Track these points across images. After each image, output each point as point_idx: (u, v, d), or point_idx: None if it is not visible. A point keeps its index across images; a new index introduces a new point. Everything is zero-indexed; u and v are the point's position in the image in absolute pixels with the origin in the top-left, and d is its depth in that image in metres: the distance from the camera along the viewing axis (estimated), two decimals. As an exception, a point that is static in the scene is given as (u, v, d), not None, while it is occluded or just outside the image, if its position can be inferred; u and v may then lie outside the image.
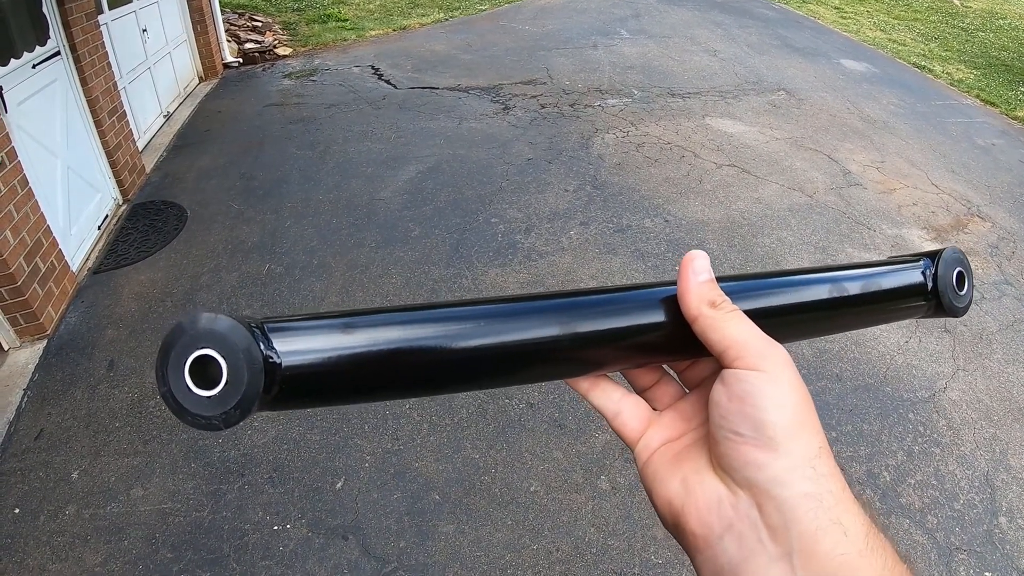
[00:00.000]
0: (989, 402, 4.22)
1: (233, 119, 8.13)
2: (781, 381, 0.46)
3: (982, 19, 15.71)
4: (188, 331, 0.40)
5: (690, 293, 0.51)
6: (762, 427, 0.45)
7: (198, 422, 0.40)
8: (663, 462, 0.54)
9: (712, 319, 0.50)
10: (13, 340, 4.29)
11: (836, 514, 0.42)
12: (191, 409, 0.40)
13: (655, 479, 0.53)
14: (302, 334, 0.45)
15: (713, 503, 0.47)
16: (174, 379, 0.40)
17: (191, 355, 0.40)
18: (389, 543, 3.19)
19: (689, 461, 0.52)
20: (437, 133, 7.61)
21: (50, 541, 3.18)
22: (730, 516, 0.45)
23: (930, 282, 0.63)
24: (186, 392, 0.40)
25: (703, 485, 0.49)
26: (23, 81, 4.69)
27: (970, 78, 11.12)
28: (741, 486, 0.46)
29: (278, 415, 3.83)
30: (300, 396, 0.45)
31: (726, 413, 0.47)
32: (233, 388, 0.40)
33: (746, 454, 0.45)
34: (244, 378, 0.40)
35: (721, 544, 0.46)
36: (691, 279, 0.52)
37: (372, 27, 12.05)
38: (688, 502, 0.49)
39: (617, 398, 0.60)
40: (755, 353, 0.47)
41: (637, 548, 3.22)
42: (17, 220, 4.16)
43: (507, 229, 5.67)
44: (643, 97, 8.92)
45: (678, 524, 0.49)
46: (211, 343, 0.40)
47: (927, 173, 7.27)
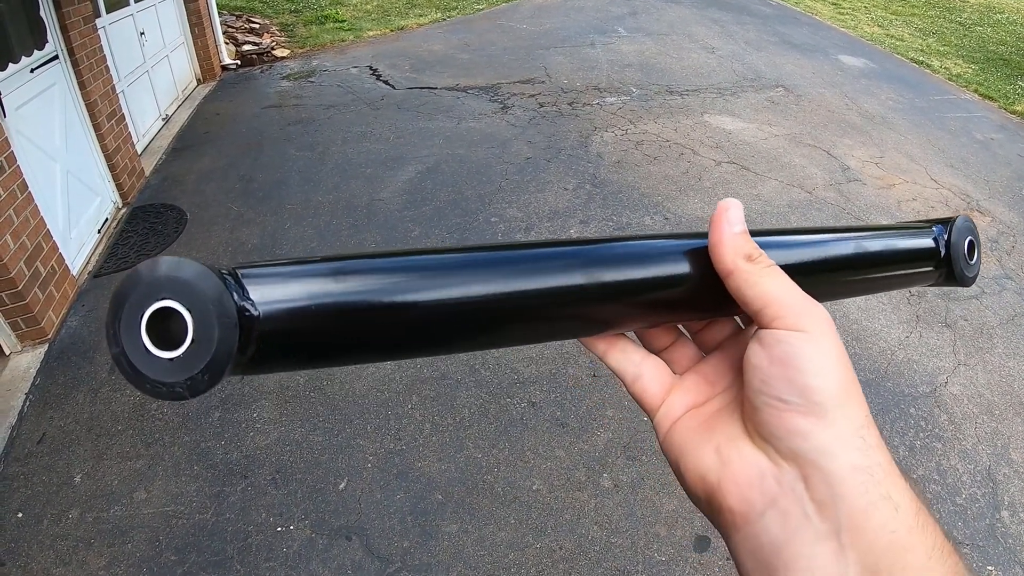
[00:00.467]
0: (990, 396, 4.22)
1: (232, 121, 8.14)
2: (826, 343, 0.42)
3: (980, 14, 15.71)
4: (145, 278, 0.34)
5: (724, 245, 0.46)
6: (808, 392, 0.41)
7: (158, 390, 0.34)
8: (690, 431, 0.50)
9: (749, 273, 0.45)
10: (14, 344, 4.29)
11: (886, 488, 0.39)
12: (150, 375, 0.33)
13: (683, 450, 0.49)
14: (283, 281, 0.38)
15: (754, 476, 0.43)
16: (128, 338, 0.33)
17: (149, 308, 0.34)
18: (393, 543, 3.19)
19: (721, 430, 0.47)
20: (436, 133, 7.61)
21: (53, 545, 3.18)
22: (773, 490, 0.42)
23: (943, 248, 0.61)
24: (143, 354, 0.33)
25: (741, 457, 0.44)
26: (21, 85, 4.69)
27: (968, 73, 11.12)
28: (785, 457, 0.42)
29: (281, 415, 3.84)
30: (282, 356, 0.39)
31: (767, 378, 0.43)
32: (201, 348, 0.33)
33: (790, 422, 0.41)
34: (215, 335, 0.33)
35: (762, 521, 0.42)
36: (725, 229, 0.47)
37: (370, 28, 12.06)
38: (725, 476, 0.44)
39: (637, 360, 0.54)
40: (797, 312, 0.43)
41: (640, 546, 3.22)
42: (17, 224, 4.16)
43: (507, 228, 5.67)
44: (641, 95, 8.92)
45: (712, 501, 0.45)
46: (173, 293, 0.34)
47: (926, 168, 7.27)
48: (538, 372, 4.17)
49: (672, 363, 0.56)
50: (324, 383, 4.06)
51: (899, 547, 0.38)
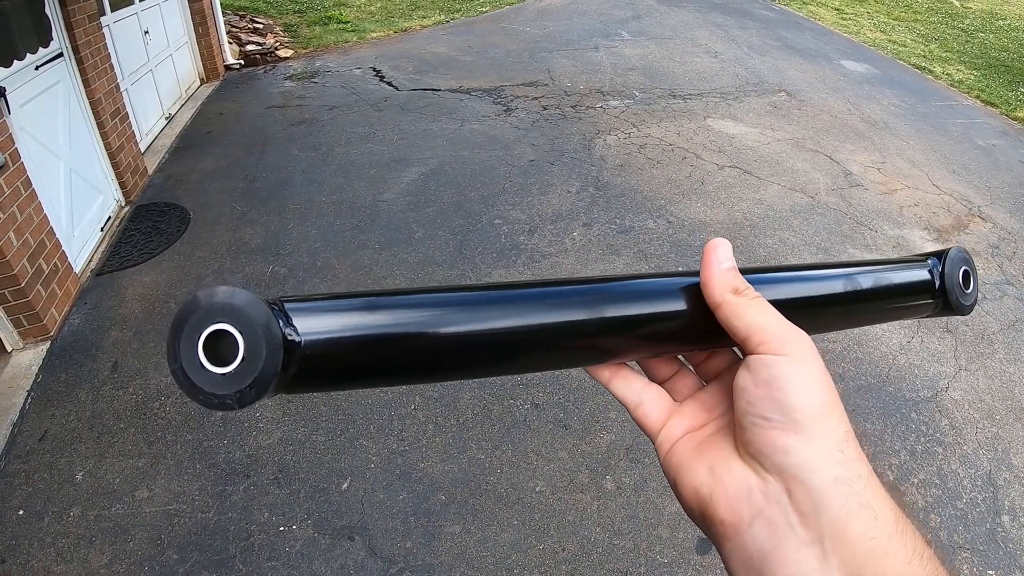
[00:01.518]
0: (991, 401, 4.22)
1: (235, 121, 8.14)
2: (806, 365, 0.46)
3: (982, 20, 15.72)
4: (204, 304, 0.38)
5: (713, 280, 0.51)
6: (789, 411, 0.44)
7: (211, 401, 0.38)
8: (687, 451, 0.53)
9: (736, 305, 0.49)
10: (17, 342, 4.29)
11: (866, 498, 0.42)
12: (204, 387, 0.38)
13: (680, 468, 0.53)
14: (322, 313, 0.43)
15: (742, 490, 0.46)
16: (187, 354, 0.38)
17: (206, 329, 0.38)
18: (395, 543, 3.19)
19: (714, 449, 0.51)
20: (439, 135, 7.61)
21: (55, 543, 3.18)
22: (760, 503, 0.45)
23: (937, 280, 0.64)
24: (199, 369, 0.38)
25: (731, 472, 0.48)
26: (26, 83, 4.69)
27: (970, 79, 11.13)
28: (770, 472, 0.45)
29: (283, 415, 3.84)
30: (319, 377, 0.44)
31: (753, 399, 0.46)
32: (250, 365, 0.38)
33: (775, 439, 0.45)
34: (262, 355, 0.38)
35: (751, 531, 0.45)
36: (715, 266, 0.52)
37: (373, 29, 12.06)
38: (716, 490, 0.48)
39: (639, 388, 0.59)
40: (779, 338, 0.47)
41: (643, 548, 3.22)
42: (20, 222, 4.16)
43: (510, 230, 5.68)
44: (644, 99, 8.93)
45: (706, 513, 0.49)
46: (228, 317, 0.38)
47: (928, 174, 7.28)
48: (541, 374, 4.17)
49: (673, 392, 0.60)
50: (327, 383, 4.06)
51: (880, 553, 0.41)
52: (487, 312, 0.48)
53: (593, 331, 0.51)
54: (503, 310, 0.49)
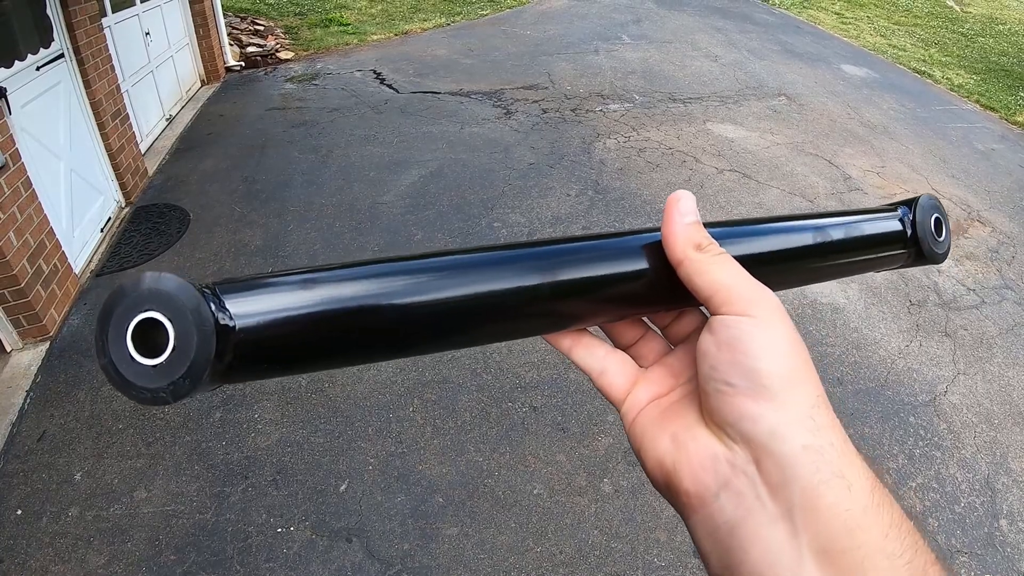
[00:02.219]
0: (989, 406, 4.23)
1: (235, 122, 8.14)
2: (773, 327, 0.43)
3: (982, 24, 15.74)
4: (130, 293, 0.36)
5: (675, 235, 0.48)
6: (755, 376, 0.41)
7: (143, 396, 0.36)
8: (651, 420, 0.50)
9: (698, 262, 0.46)
10: (16, 342, 4.29)
11: (839, 467, 0.39)
12: (135, 381, 0.36)
13: (643, 438, 0.50)
14: (257, 294, 0.41)
15: (707, 460, 0.43)
16: (115, 348, 0.36)
17: (133, 319, 0.36)
18: (393, 545, 3.19)
19: (679, 417, 0.48)
20: (439, 137, 7.62)
21: (53, 543, 3.18)
22: (726, 473, 0.42)
23: (909, 229, 0.62)
24: (129, 362, 0.36)
25: (695, 441, 0.45)
26: (27, 83, 4.70)
27: (970, 83, 11.15)
28: (736, 441, 0.42)
29: (282, 417, 3.84)
30: (257, 363, 0.41)
31: (716, 363, 0.44)
32: (181, 355, 0.35)
33: (740, 406, 0.42)
34: (193, 343, 0.36)
35: (717, 503, 0.42)
36: (676, 220, 0.48)
37: (374, 31, 12.07)
38: (680, 460, 0.45)
39: (601, 355, 0.56)
40: (744, 298, 0.44)
41: (640, 551, 3.22)
42: (20, 222, 4.17)
43: (509, 233, 5.68)
44: (644, 102, 8.94)
45: (670, 484, 0.46)
46: (155, 304, 0.36)
47: (927, 178, 7.29)
48: (540, 377, 4.18)
49: (640, 358, 0.57)
50: (325, 385, 4.07)
51: (853, 525, 0.38)
52: (435, 281, 0.46)
53: (548, 295, 0.49)
54: (452, 278, 0.46)
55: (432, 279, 0.46)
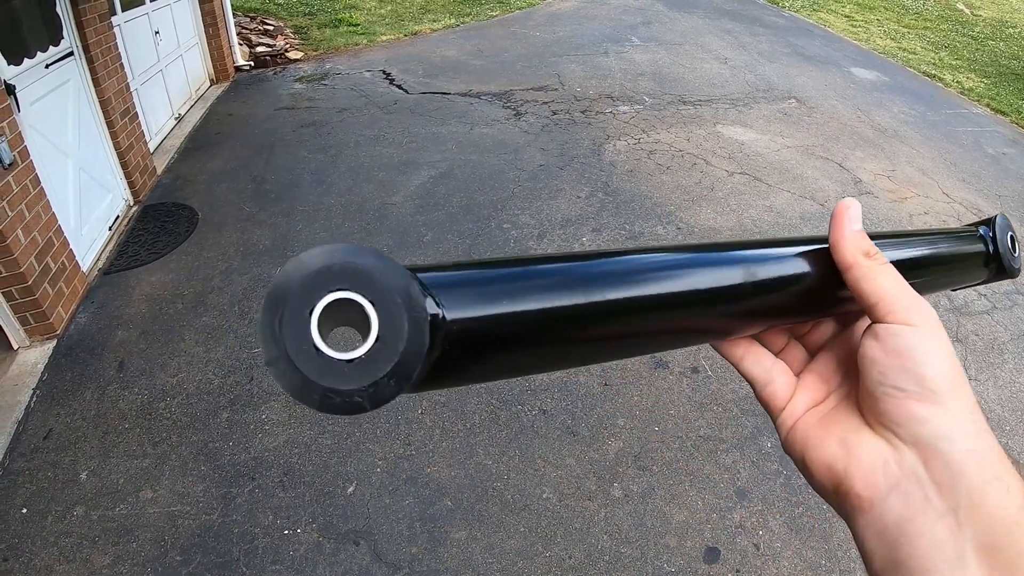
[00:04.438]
0: (1000, 412, 4.19)
1: (244, 122, 8.14)
2: (935, 335, 0.45)
3: (992, 28, 15.69)
4: (315, 266, 0.30)
5: (846, 240, 0.50)
6: (924, 381, 0.44)
7: (330, 401, 0.29)
8: (812, 427, 0.52)
9: (868, 268, 0.49)
10: (23, 339, 4.28)
11: (999, 470, 0.42)
12: (320, 381, 0.28)
13: (807, 445, 0.51)
14: (463, 285, 0.36)
15: (878, 462, 0.45)
16: (293, 336, 0.29)
17: (321, 300, 0.29)
18: (401, 549, 3.17)
19: (841, 422, 0.50)
20: (448, 138, 7.60)
21: (58, 542, 3.16)
22: (895, 474, 0.44)
23: (991, 246, 0.66)
24: (314, 356, 0.28)
25: (863, 445, 0.47)
26: (36, 81, 4.69)
27: (980, 87, 11.10)
28: (905, 442, 0.44)
29: (289, 417, 3.82)
30: (462, 364, 0.36)
31: (885, 369, 0.46)
32: (387, 346, 0.29)
33: (910, 408, 0.44)
34: (404, 331, 0.29)
35: (887, 503, 0.44)
36: (847, 226, 0.51)
37: (383, 32, 12.07)
38: (851, 463, 0.47)
39: (768, 365, 0.57)
40: (907, 307, 0.47)
41: (650, 556, 3.19)
42: (28, 219, 4.16)
43: (519, 235, 5.66)
44: (654, 104, 8.91)
45: (840, 487, 0.47)
46: (351, 282, 0.30)
47: (938, 182, 7.25)
48: (549, 380, 4.15)
49: (786, 360, 0.59)
50: (333, 385, 4.04)
51: (1012, 525, 0.40)
52: (648, 278, 0.43)
53: (751, 293, 0.49)
54: (667, 275, 0.44)
55: (645, 276, 0.44)
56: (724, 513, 3.41)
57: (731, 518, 3.39)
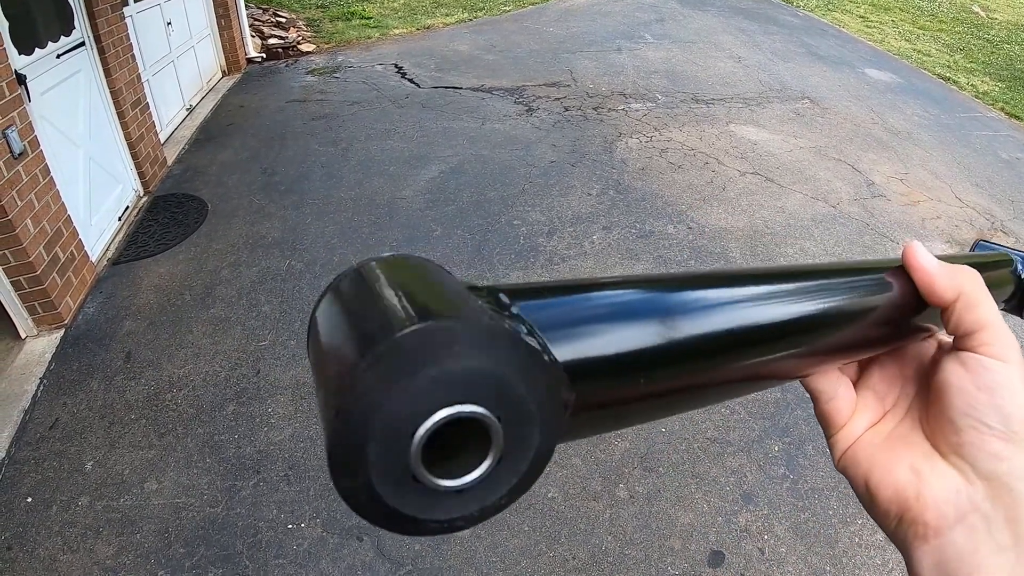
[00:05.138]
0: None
1: (255, 114, 8.15)
2: (1021, 372, 0.45)
3: (1008, 31, 15.58)
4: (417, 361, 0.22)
5: (937, 277, 0.48)
6: (1011, 421, 0.43)
7: (425, 528, 0.24)
8: (876, 448, 0.51)
9: (972, 296, 0.47)
10: (31, 329, 4.29)
11: None
12: (419, 514, 0.23)
13: (873, 465, 0.50)
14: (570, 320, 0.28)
15: (951, 493, 0.45)
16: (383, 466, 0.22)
17: (429, 419, 0.22)
18: (404, 546, 3.16)
19: (910, 447, 0.50)
20: (460, 133, 7.59)
21: (62, 531, 3.17)
22: (965, 506, 0.44)
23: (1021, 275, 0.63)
24: (407, 486, 0.23)
25: (936, 473, 0.46)
26: (47, 71, 4.69)
27: (995, 90, 11.02)
28: (980, 476, 0.44)
29: (295, 412, 3.81)
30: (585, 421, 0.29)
31: (974, 403, 0.45)
32: (510, 466, 0.23)
33: (991, 445, 0.44)
34: (534, 440, 0.23)
35: (951, 534, 0.44)
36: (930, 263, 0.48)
37: (396, 25, 12.06)
38: (924, 491, 0.46)
39: (835, 379, 0.55)
40: (1003, 342, 0.45)
41: (654, 558, 3.18)
42: (38, 209, 4.16)
43: (529, 231, 5.64)
44: (667, 102, 8.88)
45: (908, 514, 0.46)
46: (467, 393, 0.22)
47: (951, 186, 7.20)
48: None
49: None
50: (340, 380, 4.03)
51: None
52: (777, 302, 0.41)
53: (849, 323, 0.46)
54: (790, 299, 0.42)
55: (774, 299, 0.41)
56: (730, 517, 3.39)
57: (736, 522, 3.37)
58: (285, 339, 4.33)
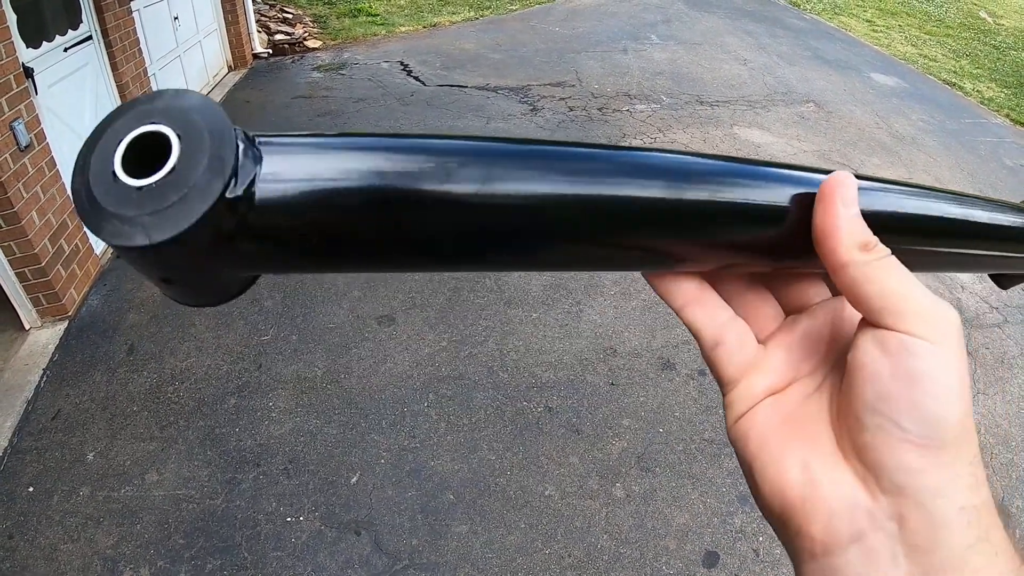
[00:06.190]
0: (1008, 428, 4.17)
1: (261, 110, 8.16)
2: (958, 357, 0.36)
3: (1015, 37, 15.56)
4: (139, 104, 0.29)
5: (839, 231, 0.37)
6: (932, 423, 0.35)
7: (110, 228, 0.27)
8: (771, 428, 0.41)
9: (867, 267, 0.37)
10: (35, 320, 4.31)
11: (986, 529, 0.34)
12: (109, 206, 0.27)
13: (762, 450, 0.41)
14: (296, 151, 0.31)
15: (845, 506, 0.36)
16: (98, 163, 0.28)
17: (132, 131, 0.28)
18: (402, 540, 3.19)
19: (809, 437, 0.40)
20: (464, 132, 7.56)
21: (63, 521, 3.19)
22: (863, 525, 0.35)
23: None
24: (109, 183, 0.27)
25: (833, 481, 0.37)
26: (54, 64, 4.72)
27: (1001, 97, 11.01)
28: (885, 491, 0.35)
29: (296, 406, 3.84)
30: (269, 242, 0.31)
31: (886, 394, 0.36)
32: (181, 178, 0.27)
33: (903, 453, 0.35)
34: (201, 165, 0.27)
35: (844, 555, 0.36)
36: (841, 213, 0.38)
37: (402, 23, 12.06)
38: (813, 500, 0.37)
39: (723, 320, 0.45)
40: (924, 316, 0.36)
41: (649, 558, 3.20)
42: (44, 201, 4.19)
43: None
44: (672, 104, 8.88)
45: (791, 520, 0.38)
46: (167, 118, 0.28)
47: (955, 192, 7.20)
48: (556, 377, 4.16)
49: (749, 320, 0.46)
50: (341, 376, 4.06)
51: None
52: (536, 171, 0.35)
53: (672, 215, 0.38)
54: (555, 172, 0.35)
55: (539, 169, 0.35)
56: (725, 517, 3.41)
57: (732, 523, 3.39)
58: (287, 334, 4.35)
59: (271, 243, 0.32)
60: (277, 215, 0.30)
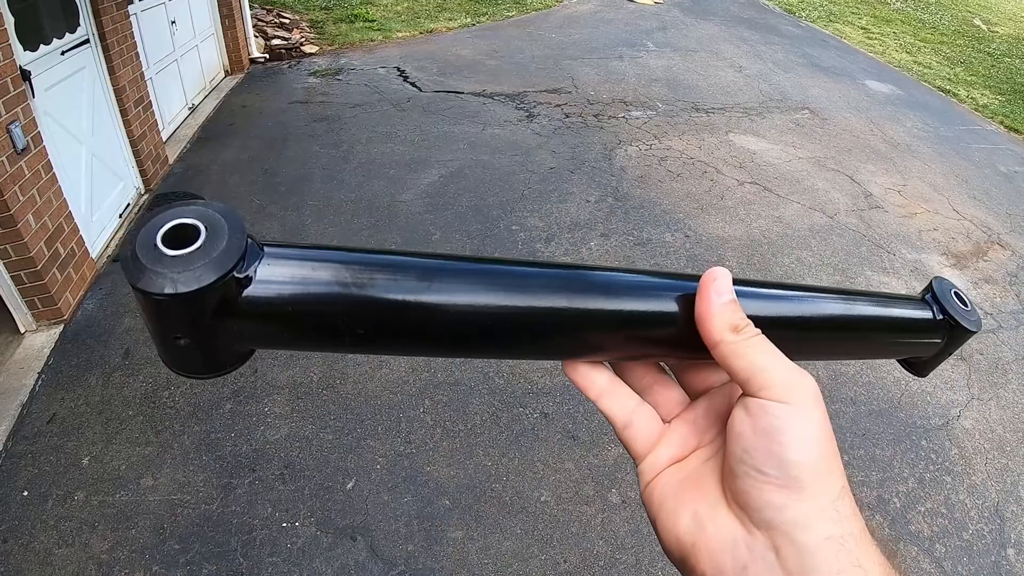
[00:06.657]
0: (1002, 432, 4.19)
1: (258, 114, 8.16)
2: (810, 417, 0.43)
3: (1009, 44, 15.63)
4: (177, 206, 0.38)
5: (712, 316, 0.47)
6: (787, 467, 0.42)
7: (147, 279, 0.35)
8: (670, 488, 0.50)
9: (735, 344, 0.46)
10: (30, 323, 4.30)
11: (857, 556, 0.40)
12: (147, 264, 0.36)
13: (662, 508, 0.49)
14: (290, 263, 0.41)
15: (727, 543, 0.43)
16: (143, 237, 0.37)
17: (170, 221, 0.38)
18: (397, 546, 3.19)
19: (699, 491, 0.48)
20: (460, 138, 7.62)
21: (57, 526, 3.19)
22: (744, 557, 0.42)
23: (934, 307, 0.64)
24: (151, 250, 0.36)
25: (716, 523, 0.45)
26: (52, 67, 4.71)
27: (995, 104, 11.06)
28: (759, 527, 0.42)
29: (292, 411, 3.83)
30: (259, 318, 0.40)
31: (749, 448, 0.43)
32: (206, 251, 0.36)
33: (767, 494, 0.42)
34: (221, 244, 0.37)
35: None
36: (713, 300, 0.47)
37: (399, 29, 12.08)
38: (700, 540, 0.45)
39: (631, 407, 0.54)
40: (782, 384, 0.44)
41: (645, 563, 3.20)
42: (40, 205, 4.18)
43: (528, 237, 5.67)
44: (667, 111, 8.91)
45: (686, 561, 0.46)
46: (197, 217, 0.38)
47: (948, 198, 7.24)
48: (552, 383, 4.16)
49: (657, 405, 0.56)
50: (337, 382, 4.06)
51: None
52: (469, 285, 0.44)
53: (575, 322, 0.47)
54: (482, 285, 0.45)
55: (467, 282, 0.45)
56: (720, 522, 3.41)
57: (727, 528, 3.39)
58: (283, 339, 4.34)
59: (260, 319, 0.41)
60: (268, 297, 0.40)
